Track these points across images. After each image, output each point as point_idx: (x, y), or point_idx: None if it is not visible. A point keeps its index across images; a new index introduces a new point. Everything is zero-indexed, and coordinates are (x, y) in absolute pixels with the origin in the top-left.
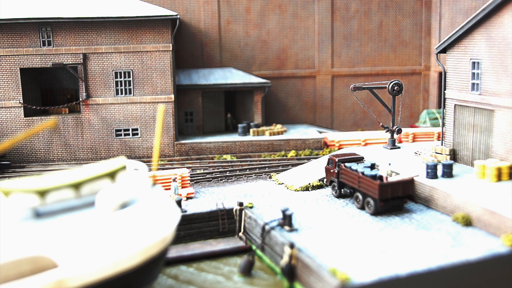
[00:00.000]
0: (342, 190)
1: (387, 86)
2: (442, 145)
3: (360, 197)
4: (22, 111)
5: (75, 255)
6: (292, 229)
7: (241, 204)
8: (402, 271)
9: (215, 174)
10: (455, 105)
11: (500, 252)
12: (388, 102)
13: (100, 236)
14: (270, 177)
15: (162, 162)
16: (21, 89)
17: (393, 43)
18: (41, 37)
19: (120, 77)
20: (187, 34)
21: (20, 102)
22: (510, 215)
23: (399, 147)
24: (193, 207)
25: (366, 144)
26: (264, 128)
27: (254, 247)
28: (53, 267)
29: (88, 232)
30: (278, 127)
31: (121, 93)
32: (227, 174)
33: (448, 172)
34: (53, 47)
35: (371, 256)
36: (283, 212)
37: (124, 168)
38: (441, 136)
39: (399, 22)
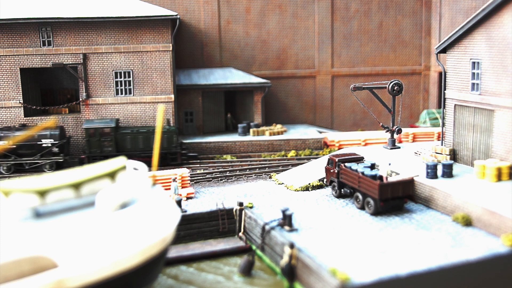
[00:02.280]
0: (342, 190)
1: (387, 86)
2: (442, 145)
3: (360, 197)
4: (22, 111)
5: (75, 255)
6: (292, 229)
7: (241, 204)
8: (402, 271)
9: (215, 174)
10: (455, 105)
11: (500, 252)
12: (388, 102)
13: (100, 236)
14: (270, 177)
15: None
16: (21, 89)
17: (393, 43)
18: (41, 37)
19: (120, 77)
20: (187, 34)
21: (20, 102)
22: (510, 215)
23: (399, 147)
24: (193, 207)
25: (366, 144)
26: (264, 128)
27: (254, 247)
28: (53, 267)
29: (88, 232)
30: (278, 127)
31: (121, 93)
32: (227, 174)
33: (448, 172)
34: (53, 47)
35: (371, 256)
36: (283, 212)
37: (124, 168)
38: (441, 136)
39: (399, 22)
